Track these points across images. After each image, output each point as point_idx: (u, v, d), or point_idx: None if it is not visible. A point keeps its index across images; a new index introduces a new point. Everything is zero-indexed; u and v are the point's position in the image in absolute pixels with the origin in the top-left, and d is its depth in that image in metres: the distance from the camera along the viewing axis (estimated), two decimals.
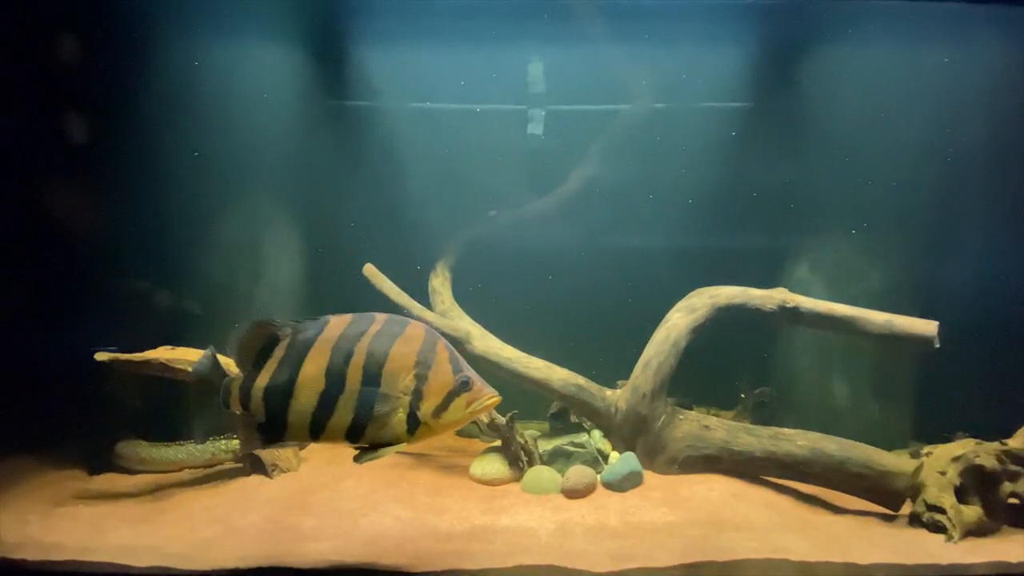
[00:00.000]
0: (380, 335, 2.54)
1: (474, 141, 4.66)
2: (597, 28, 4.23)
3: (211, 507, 3.54)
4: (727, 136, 4.51)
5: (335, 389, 2.51)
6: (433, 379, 2.49)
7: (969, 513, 3.25)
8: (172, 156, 3.98)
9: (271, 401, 2.57)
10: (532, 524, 3.38)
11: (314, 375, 2.52)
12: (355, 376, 2.50)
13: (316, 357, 2.54)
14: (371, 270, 4.36)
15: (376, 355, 2.52)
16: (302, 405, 2.55)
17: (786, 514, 3.45)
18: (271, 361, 2.60)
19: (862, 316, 3.56)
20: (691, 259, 4.59)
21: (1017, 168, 4.03)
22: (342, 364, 2.51)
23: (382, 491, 3.75)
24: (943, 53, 4.11)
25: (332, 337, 2.57)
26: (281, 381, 2.57)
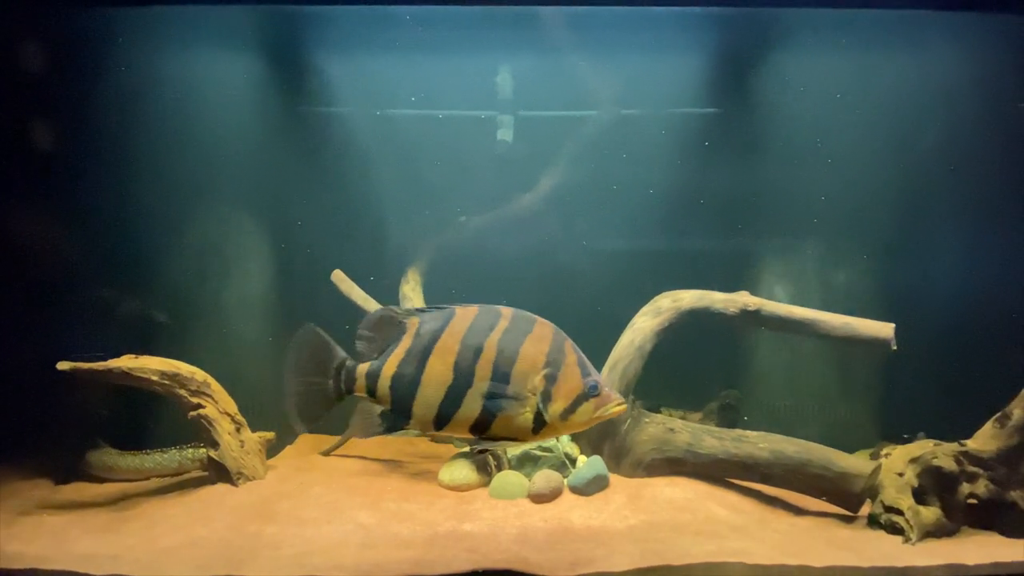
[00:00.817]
0: (509, 332, 2.54)
1: (443, 147, 4.68)
2: (562, 36, 4.27)
3: (174, 516, 3.53)
4: (695, 142, 4.54)
5: (463, 383, 2.52)
6: (563, 381, 2.49)
7: (927, 514, 3.27)
8: (136, 163, 3.98)
9: (398, 390, 2.59)
10: (494, 529, 3.39)
11: (442, 368, 2.54)
12: (484, 372, 2.51)
13: (444, 349, 2.55)
14: (339, 276, 4.38)
15: (506, 353, 2.52)
16: (429, 396, 2.56)
17: (747, 516, 3.48)
18: (398, 350, 2.60)
19: (821, 319, 3.59)
20: (660, 262, 4.64)
21: (978, 172, 4.07)
22: (471, 359, 2.52)
23: (349, 498, 3.76)
24: (904, 58, 4.17)
25: (460, 330, 2.57)
26: (409, 371, 2.57)
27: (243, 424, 3.90)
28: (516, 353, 2.52)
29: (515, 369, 2.51)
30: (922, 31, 4.13)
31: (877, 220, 4.36)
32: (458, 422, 2.57)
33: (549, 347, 2.53)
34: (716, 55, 4.33)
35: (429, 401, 2.56)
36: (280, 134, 4.44)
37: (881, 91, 4.18)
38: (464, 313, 2.63)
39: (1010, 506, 3.25)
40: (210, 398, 3.78)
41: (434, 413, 2.57)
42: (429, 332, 2.61)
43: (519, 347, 2.52)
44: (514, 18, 4.35)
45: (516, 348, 2.52)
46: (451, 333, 2.57)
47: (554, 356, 2.52)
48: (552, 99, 4.69)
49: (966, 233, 4.13)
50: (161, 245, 4.13)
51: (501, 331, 2.54)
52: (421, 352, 2.58)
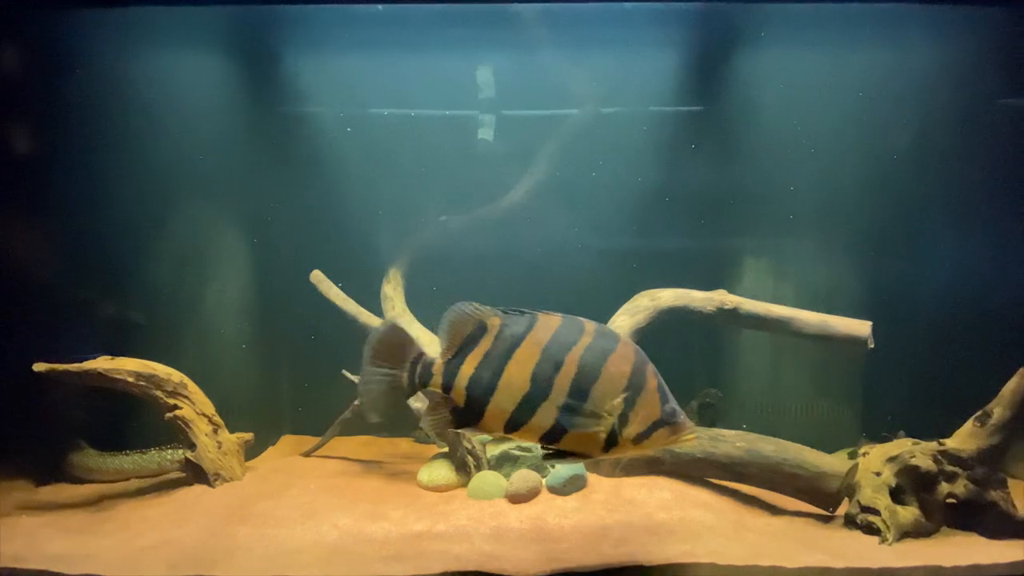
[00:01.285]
0: (592, 349, 2.52)
1: (423, 147, 4.67)
2: (541, 33, 4.26)
3: (150, 517, 3.54)
4: (674, 140, 4.51)
5: (540, 394, 2.52)
6: (641, 406, 2.48)
7: (905, 514, 3.23)
8: (113, 164, 3.98)
9: (474, 390, 2.59)
10: (468, 530, 3.37)
11: (521, 375, 2.54)
12: (563, 386, 2.50)
13: (525, 357, 2.54)
14: (318, 276, 4.38)
15: (588, 370, 2.50)
16: (504, 401, 2.57)
17: (723, 516, 3.44)
18: (478, 349, 2.60)
19: (798, 317, 3.56)
20: (643, 260, 4.61)
21: (959, 169, 4.02)
22: (551, 371, 2.51)
23: (325, 500, 3.76)
24: (883, 53, 4.12)
25: (542, 339, 2.56)
26: (487, 373, 2.57)
27: (221, 425, 3.91)
28: (598, 372, 2.50)
29: (595, 388, 2.49)
30: (902, 26, 4.08)
31: (859, 218, 4.31)
32: (530, 430, 2.58)
33: (631, 369, 2.51)
34: (693, 52, 4.31)
35: (503, 406, 2.57)
36: (257, 134, 4.42)
37: (862, 87, 4.13)
38: (547, 321, 2.61)
39: (990, 506, 3.20)
40: (187, 399, 3.79)
41: (506, 418, 2.58)
42: (511, 337, 2.59)
43: (601, 366, 2.51)
44: (495, 16, 4.35)
45: (598, 367, 2.51)
46: (533, 341, 2.56)
47: (635, 379, 2.51)
48: (532, 98, 4.67)
49: (949, 231, 4.08)
50: (138, 246, 4.13)
51: (584, 347, 2.52)
52: (501, 356, 2.58)
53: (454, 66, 4.64)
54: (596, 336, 2.56)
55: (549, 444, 2.59)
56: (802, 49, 4.20)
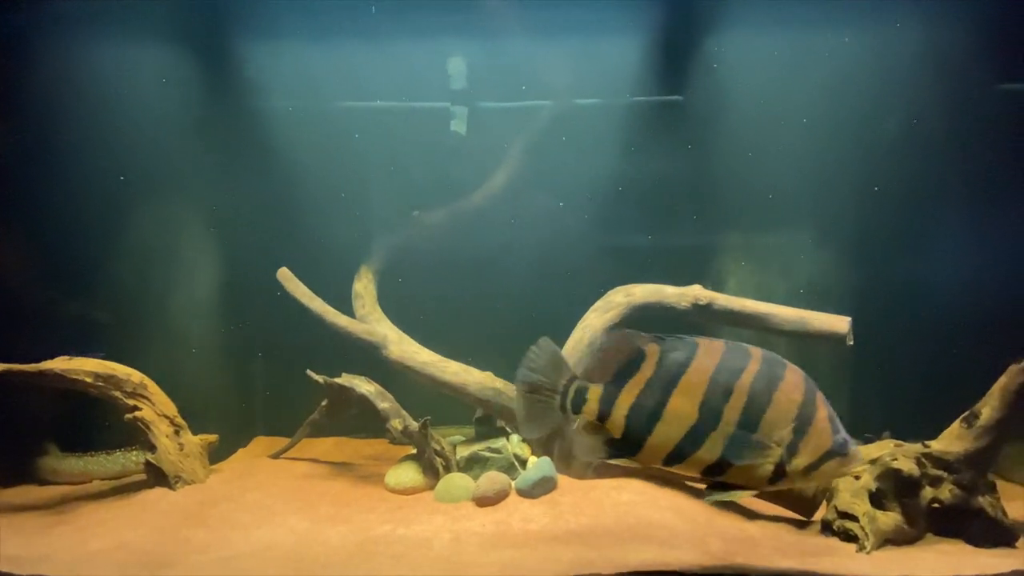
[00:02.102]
0: (761, 376, 2.41)
1: (394, 140, 4.57)
2: (512, 22, 4.13)
3: (108, 519, 3.48)
4: (650, 132, 4.35)
5: (708, 425, 2.41)
6: (812, 436, 2.37)
7: (885, 520, 3.03)
8: (74, 162, 3.92)
9: (634, 421, 2.49)
10: (429, 534, 3.26)
11: (688, 406, 2.43)
12: (732, 416, 2.39)
13: (691, 386, 2.43)
14: (285, 274, 4.28)
15: (758, 399, 2.40)
16: (668, 432, 2.46)
17: (694, 520, 3.28)
18: (637, 378, 2.50)
19: (775, 312, 3.38)
20: (618, 256, 4.47)
21: (948, 159, 3.81)
22: (720, 400, 2.41)
23: (287, 503, 3.67)
24: (867, 42, 3.92)
25: (707, 367, 2.45)
26: (649, 403, 2.47)
27: (183, 427, 3.84)
28: (768, 401, 2.39)
29: (765, 418, 2.38)
30: (892, 10, 3.90)
31: (844, 214, 4.12)
32: (693, 463, 2.47)
33: (802, 398, 2.40)
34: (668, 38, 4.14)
35: (667, 437, 2.45)
36: (224, 130, 4.33)
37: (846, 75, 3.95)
38: (709, 347, 2.50)
39: (977, 513, 2.99)
40: (147, 400, 3.72)
41: (669, 450, 2.46)
42: (674, 364, 2.48)
43: (772, 395, 2.40)
44: (466, 5, 4.23)
45: (768, 396, 2.40)
46: (698, 369, 2.45)
47: (806, 408, 2.39)
48: (504, 90, 4.54)
49: (937, 225, 3.87)
50: (102, 245, 4.06)
51: (752, 374, 2.42)
52: (665, 385, 2.46)
53: (425, 57, 4.54)
54: (764, 362, 2.44)
55: (710, 476, 2.48)
56: (785, 35, 4.03)
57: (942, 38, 3.77)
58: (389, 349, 4.18)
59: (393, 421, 3.90)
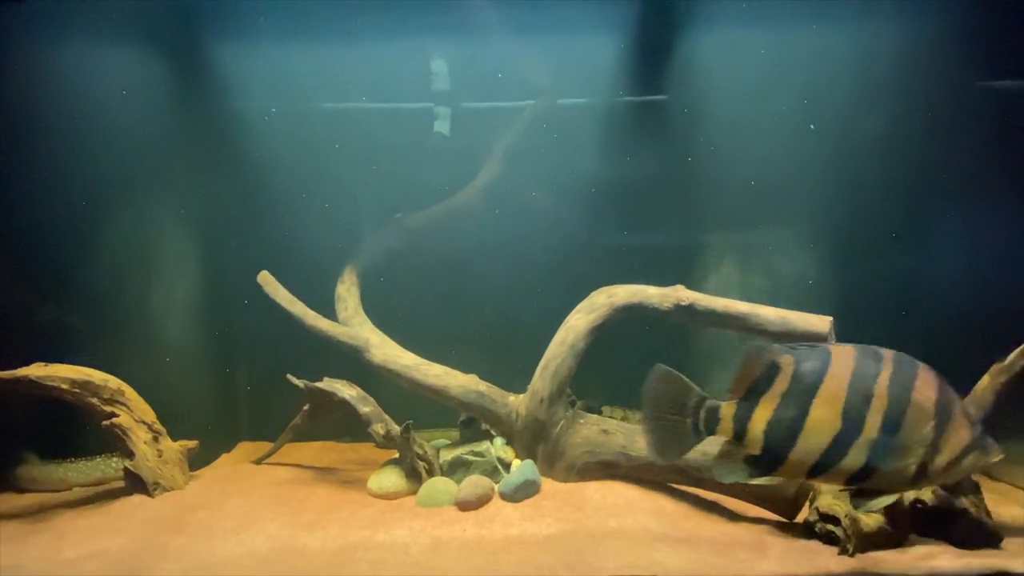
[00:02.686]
0: (897, 377, 2.41)
1: (377, 141, 4.53)
2: (493, 21, 4.10)
3: (85, 527, 3.44)
4: (636, 132, 4.32)
5: (852, 432, 2.40)
6: (951, 432, 2.38)
7: (868, 522, 2.99)
8: (49, 164, 3.85)
9: (774, 435, 2.47)
10: (408, 540, 3.22)
11: (829, 415, 2.41)
12: (874, 421, 2.38)
13: (830, 395, 2.42)
14: (265, 277, 4.25)
15: (899, 400, 2.39)
16: (811, 444, 2.44)
17: (676, 524, 3.25)
18: (772, 391, 2.49)
19: (756, 313, 3.34)
20: (602, 257, 4.44)
21: (931, 160, 3.78)
22: (860, 406, 2.40)
23: (267, 509, 3.62)
24: (852, 41, 3.90)
25: (844, 373, 2.44)
26: (789, 416, 2.46)
27: (162, 433, 3.79)
28: (908, 401, 2.39)
29: (907, 419, 2.38)
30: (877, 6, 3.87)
31: (829, 212, 4.09)
32: (838, 472, 2.45)
33: (937, 395, 2.40)
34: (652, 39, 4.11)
35: (811, 449, 2.44)
36: (203, 132, 4.31)
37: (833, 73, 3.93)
38: (842, 354, 2.48)
39: (960, 514, 2.96)
40: (125, 406, 3.68)
41: (813, 461, 2.45)
42: (810, 374, 2.46)
43: (910, 395, 2.39)
44: (449, 5, 4.20)
45: (907, 396, 2.39)
46: (835, 376, 2.43)
47: (943, 405, 2.40)
48: (487, 90, 4.51)
49: (921, 226, 3.83)
50: (78, 248, 4.00)
51: (889, 376, 2.41)
52: (803, 396, 2.45)
53: (407, 58, 4.50)
54: (897, 363, 2.43)
55: (852, 485, 2.46)
56: (767, 33, 3.99)
57: (924, 36, 3.74)
58: (372, 352, 4.14)
59: (375, 425, 3.86)
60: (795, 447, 2.43)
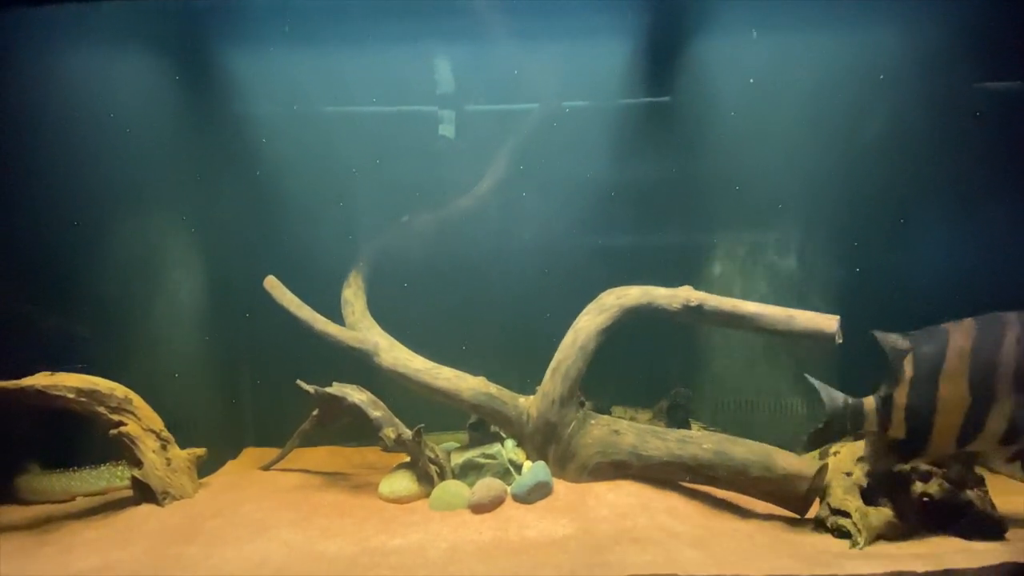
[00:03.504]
0: (1021, 339, 2.54)
1: (383, 144, 4.51)
2: (498, 26, 4.11)
3: (95, 538, 3.39)
4: (642, 134, 4.35)
5: (985, 400, 2.57)
6: None
7: (877, 516, 3.08)
8: (54, 170, 3.79)
9: (913, 419, 2.69)
10: (425, 544, 3.22)
11: (957, 389, 2.60)
12: (1005, 385, 2.53)
13: (954, 371, 2.59)
14: (272, 282, 4.22)
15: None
16: (948, 420, 2.64)
17: (689, 522, 3.30)
18: (902, 378, 2.71)
19: (763, 312, 3.40)
20: (612, 258, 4.46)
21: (932, 163, 3.86)
22: (987, 375, 2.55)
23: (279, 515, 3.60)
24: (850, 41, 3.97)
25: (964, 348, 2.61)
26: (922, 398, 2.67)
27: (170, 441, 3.75)
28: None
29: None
30: (876, 9, 3.94)
31: (832, 214, 4.17)
32: (984, 439, 2.63)
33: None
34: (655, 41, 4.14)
35: (949, 424, 2.63)
36: (209, 137, 4.25)
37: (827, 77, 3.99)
38: (959, 329, 2.65)
39: (966, 506, 3.04)
40: (132, 415, 3.63)
41: (955, 435, 2.65)
42: (931, 355, 2.65)
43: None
44: (453, 9, 4.20)
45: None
46: (955, 352, 2.60)
47: None
48: (493, 93, 4.52)
49: (923, 223, 3.92)
50: (83, 255, 3.95)
51: (1012, 340, 2.55)
52: (929, 377, 2.64)
53: (412, 61, 4.49)
54: (1019, 324, 2.56)
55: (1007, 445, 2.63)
56: (770, 35, 4.04)
57: (925, 40, 3.82)
58: (381, 357, 4.13)
59: (386, 430, 3.85)
60: (935, 426, 2.65)
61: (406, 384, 4.11)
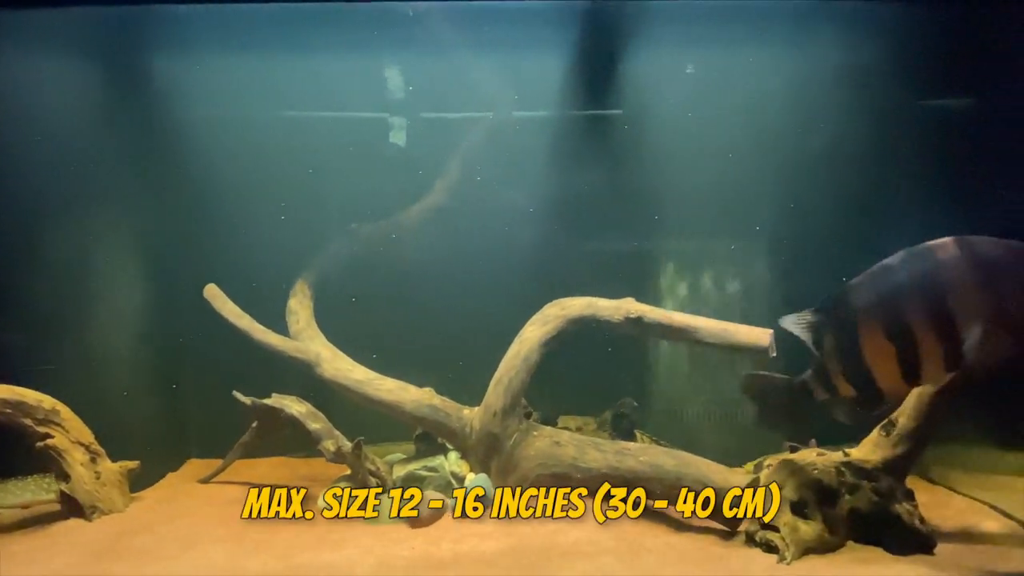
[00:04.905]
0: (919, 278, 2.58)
1: (332, 152, 4.47)
2: (451, 34, 4.10)
3: (16, 553, 3.28)
4: (589, 144, 4.36)
5: (907, 343, 2.61)
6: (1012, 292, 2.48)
7: (807, 530, 3.07)
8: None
9: (854, 378, 2.77)
10: (354, 559, 3.16)
11: (878, 340, 2.65)
12: (924, 325, 2.57)
13: (868, 326, 2.67)
14: (212, 291, 4.15)
15: (933, 291, 2.57)
16: (886, 368, 2.67)
17: (622, 535, 3.26)
18: (825, 348, 2.82)
19: (700, 325, 3.40)
20: (561, 268, 4.43)
21: (875, 167, 3.89)
22: (898, 319, 2.61)
23: (212, 530, 3.52)
24: (797, 52, 4.02)
25: (868, 301, 2.69)
26: (851, 358, 2.74)
27: (100, 454, 3.66)
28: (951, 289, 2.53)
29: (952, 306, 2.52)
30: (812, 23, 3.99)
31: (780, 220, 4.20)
32: (928, 374, 2.66)
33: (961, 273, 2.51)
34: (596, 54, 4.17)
35: (889, 371, 2.67)
36: (149, 142, 4.18)
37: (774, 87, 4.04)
38: (858, 286, 2.75)
39: (894, 520, 3.05)
40: (60, 427, 3.53)
41: (901, 379, 2.68)
42: (841, 318, 2.76)
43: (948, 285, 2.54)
44: (404, 16, 4.19)
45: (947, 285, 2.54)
46: (862, 308, 2.69)
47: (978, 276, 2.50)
48: (444, 101, 4.50)
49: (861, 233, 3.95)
50: (9, 263, 3.81)
51: (907, 282, 2.61)
52: (850, 342, 2.73)
53: (363, 68, 4.47)
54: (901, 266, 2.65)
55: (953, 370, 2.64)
56: (710, 49, 4.10)
57: (859, 56, 3.89)
58: (323, 367, 4.07)
59: (325, 442, 3.79)
60: (876, 378, 2.70)
61: (348, 395, 4.05)
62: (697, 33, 4.01)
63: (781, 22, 3.94)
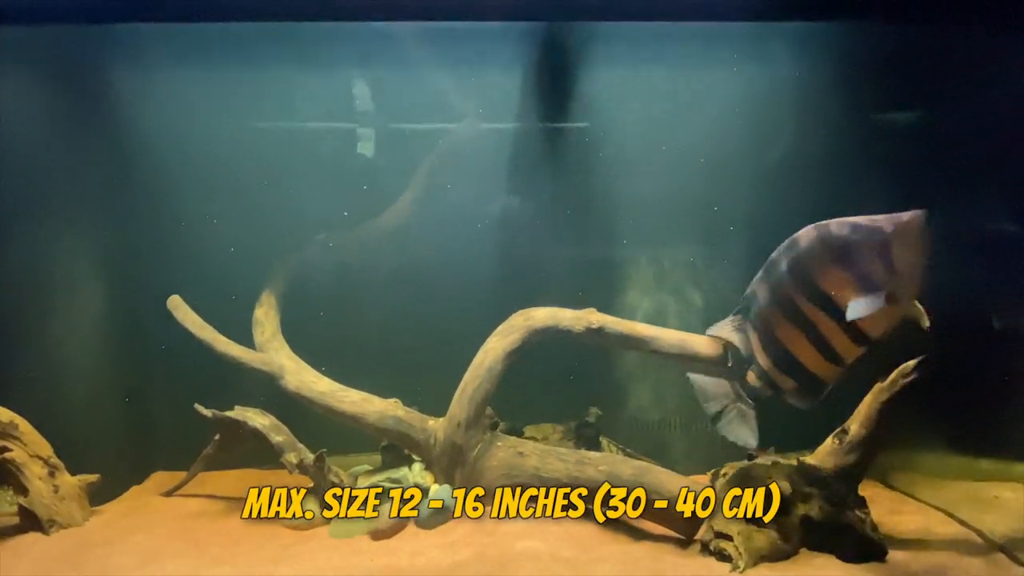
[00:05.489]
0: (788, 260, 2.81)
1: (300, 162, 4.48)
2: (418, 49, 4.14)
3: None
4: (557, 156, 4.40)
5: (810, 329, 2.80)
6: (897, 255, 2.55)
7: (760, 538, 3.10)
8: None
9: (786, 369, 2.94)
10: (313, 573, 3.17)
11: (788, 328, 2.86)
12: (809, 307, 2.78)
13: (774, 319, 2.89)
14: (175, 302, 4.12)
15: (805, 276, 2.76)
16: (807, 355, 2.86)
17: (582, 545, 3.27)
18: (752, 348, 3.03)
19: (659, 336, 3.45)
20: (524, 278, 4.46)
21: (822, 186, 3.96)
22: (792, 308, 2.81)
23: (171, 544, 3.49)
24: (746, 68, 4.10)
25: (765, 296, 2.92)
26: (777, 352, 2.94)
27: (59, 467, 3.62)
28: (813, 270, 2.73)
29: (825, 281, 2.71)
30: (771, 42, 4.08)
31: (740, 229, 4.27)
32: (841, 351, 2.81)
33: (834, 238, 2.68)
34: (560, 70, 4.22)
35: (812, 357, 2.85)
36: (111, 153, 4.16)
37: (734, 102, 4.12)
38: (757, 284, 2.98)
39: (846, 528, 3.09)
40: (18, 440, 3.50)
41: (822, 360, 2.84)
42: (753, 319, 3.00)
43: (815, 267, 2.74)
44: (373, 31, 4.22)
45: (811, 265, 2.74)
46: (768, 304, 2.91)
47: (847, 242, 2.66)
48: (411, 112, 4.53)
49: None
50: None
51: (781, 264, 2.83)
52: (766, 335, 2.95)
53: (329, 79, 4.49)
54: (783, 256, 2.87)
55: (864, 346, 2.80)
56: (674, 66, 4.18)
57: (811, 72, 3.98)
58: (286, 379, 4.05)
59: (288, 455, 3.78)
60: (803, 365, 2.87)
61: (312, 407, 4.03)
62: (653, 52, 4.09)
63: (734, 42, 4.03)
